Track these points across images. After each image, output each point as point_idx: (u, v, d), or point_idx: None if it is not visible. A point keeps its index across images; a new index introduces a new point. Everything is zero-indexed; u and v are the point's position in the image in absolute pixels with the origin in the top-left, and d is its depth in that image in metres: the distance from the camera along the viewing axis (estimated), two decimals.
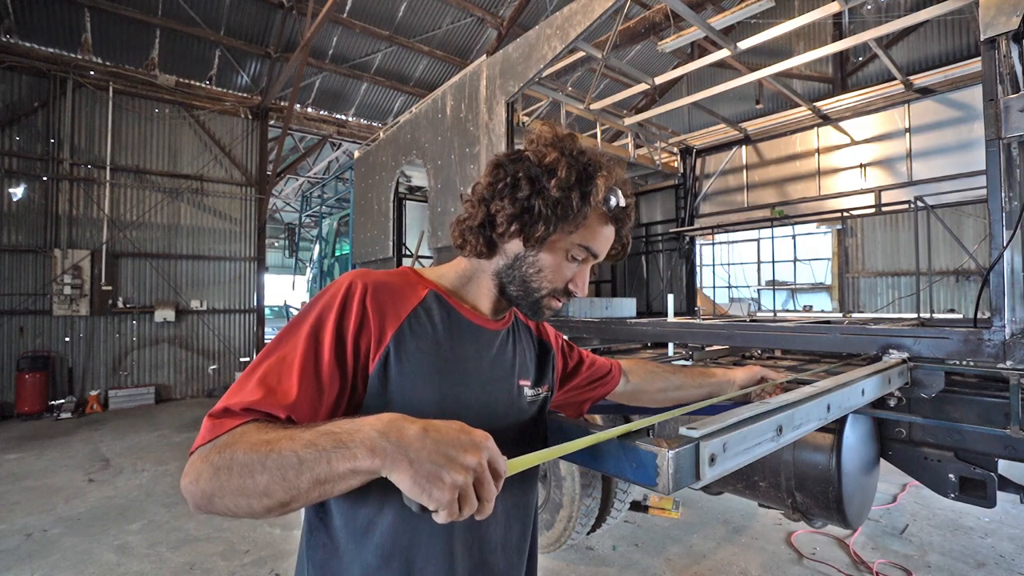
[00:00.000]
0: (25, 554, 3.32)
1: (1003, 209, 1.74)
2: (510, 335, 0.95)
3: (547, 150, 0.83)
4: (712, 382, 1.21)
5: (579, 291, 0.87)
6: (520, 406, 0.92)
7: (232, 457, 0.57)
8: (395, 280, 0.83)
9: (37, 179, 7.67)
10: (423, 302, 0.82)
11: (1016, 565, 3.07)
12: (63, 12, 7.65)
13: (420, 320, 0.80)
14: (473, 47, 10.32)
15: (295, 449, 0.55)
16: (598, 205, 0.82)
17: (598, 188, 0.82)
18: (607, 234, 0.86)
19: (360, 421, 0.56)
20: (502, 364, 0.90)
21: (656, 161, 7.12)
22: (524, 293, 0.86)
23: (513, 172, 0.82)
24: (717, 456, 0.82)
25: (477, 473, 0.53)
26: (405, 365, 0.76)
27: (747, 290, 10.64)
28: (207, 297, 9.21)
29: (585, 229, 0.84)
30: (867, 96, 5.48)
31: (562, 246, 0.84)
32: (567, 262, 0.85)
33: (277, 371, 0.68)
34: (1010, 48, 1.85)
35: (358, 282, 0.77)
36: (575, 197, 0.80)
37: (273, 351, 0.71)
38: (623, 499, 3.13)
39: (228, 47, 9.01)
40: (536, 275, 0.85)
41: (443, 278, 0.90)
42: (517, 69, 3.36)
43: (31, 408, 7.25)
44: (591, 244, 0.85)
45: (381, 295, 0.78)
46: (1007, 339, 1.66)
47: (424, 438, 0.53)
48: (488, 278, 0.89)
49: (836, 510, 2.11)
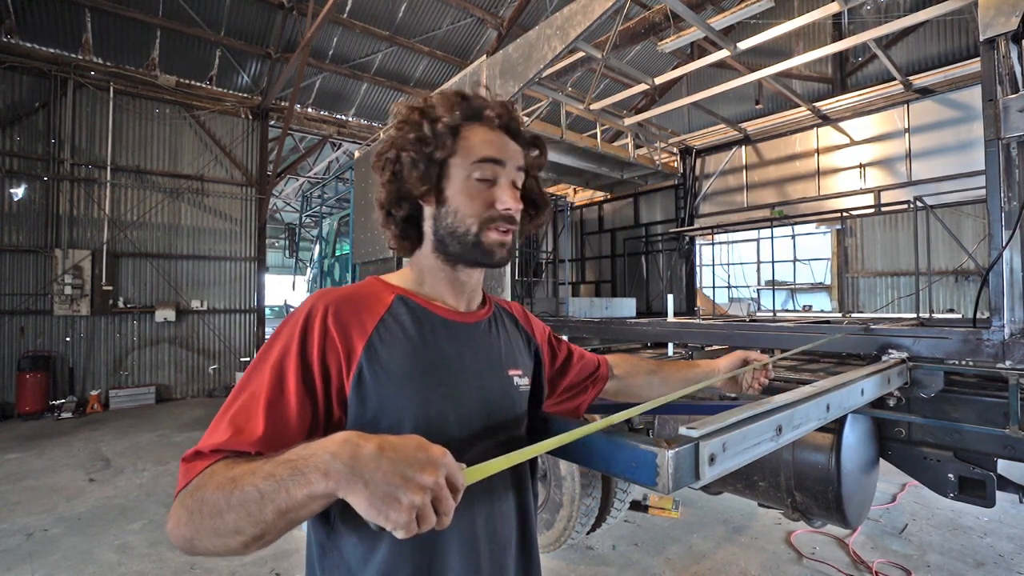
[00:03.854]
0: (26, 554, 3.32)
1: (1002, 209, 1.74)
2: (492, 325, 0.92)
3: (397, 122, 0.86)
4: (697, 372, 1.18)
5: (506, 205, 0.82)
6: (513, 396, 0.89)
7: (202, 499, 0.58)
8: (359, 292, 0.81)
9: (38, 179, 7.68)
10: (390, 309, 0.80)
11: (1015, 565, 3.08)
12: (64, 12, 7.65)
13: (390, 328, 0.78)
14: (473, 47, 10.32)
15: (256, 483, 0.54)
16: (457, 119, 0.82)
17: (445, 105, 0.83)
18: (493, 139, 0.83)
19: (316, 444, 0.55)
20: (488, 356, 0.88)
21: (656, 161, 7.12)
22: (460, 243, 0.83)
23: (383, 158, 0.85)
24: (717, 456, 0.83)
25: (435, 492, 0.52)
26: (382, 376, 0.74)
27: (747, 290, 10.64)
28: (207, 297, 9.21)
29: (464, 145, 0.82)
30: (867, 96, 5.49)
31: (458, 176, 0.82)
32: (477, 186, 0.82)
33: (246, 408, 0.67)
34: (1009, 48, 1.85)
35: (319, 304, 0.75)
36: (427, 127, 0.81)
37: (243, 387, 0.70)
38: (623, 499, 3.13)
39: (228, 47, 9.01)
40: (456, 218, 0.82)
41: (406, 280, 0.88)
42: (517, 69, 3.36)
43: (32, 408, 7.25)
44: (480, 154, 0.81)
45: (344, 312, 0.76)
46: (1006, 339, 1.67)
47: (380, 458, 0.52)
48: (433, 260, 0.87)
49: (836, 510, 2.11)
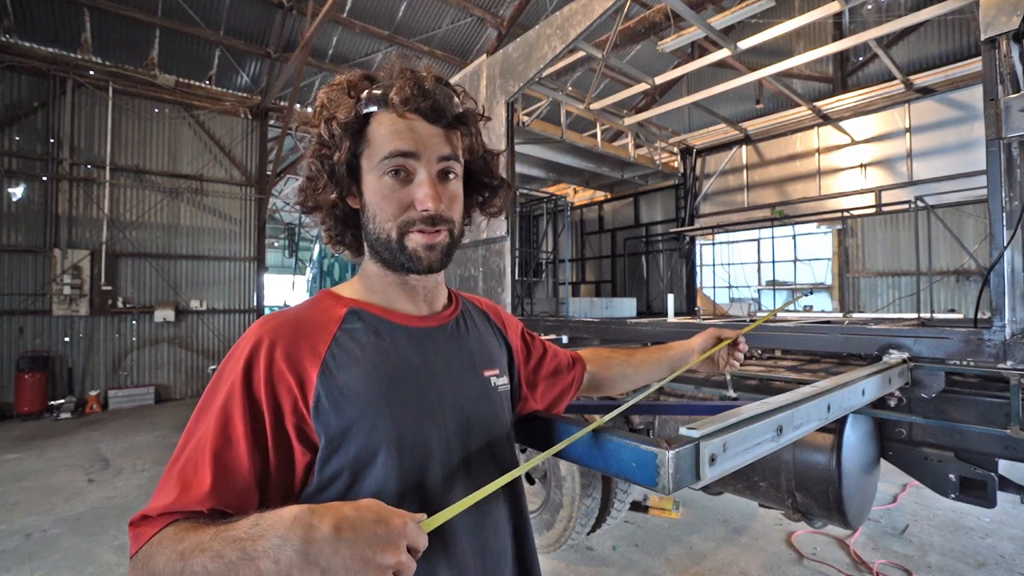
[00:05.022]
0: (25, 554, 3.31)
1: (1003, 209, 1.74)
2: (460, 325, 0.85)
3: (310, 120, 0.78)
4: (672, 356, 1.13)
5: (423, 205, 0.71)
6: (492, 398, 0.83)
7: (152, 573, 0.54)
8: (306, 313, 0.74)
9: (37, 179, 7.67)
10: (343, 325, 0.73)
11: (1016, 565, 3.07)
12: (63, 12, 7.64)
13: (345, 347, 0.71)
14: (473, 47, 10.32)
15: (204, 564, 0.50)
16: (360, 110, 0.72)
17: (343, 96, 0.74)
18: (400, 128, 0.71)
19: (266, 523, 0.50)
20: (460, 359, 0.81)
21: (656, 161, 7.12)
22: (386, 248, 0.74)
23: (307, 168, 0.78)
24: (717, 456, 0.82)
25: (398, 570, 0.49)
26: (343, 401, 0.67)
27: (747, 290, 10.64)
28: (207, 297, 9.20)
29: (370, 140, 0.73)
30: (867, 96, 5.49)
31: (370, 177, 0.74)
32: (390, 185, 0.72)
33: (192, 461, 0.62)
34: (1010, 48, 1.84)
35: (262, 335, 0.67)
36: (323, 128, 0.73)
37: (189, 437, 0.64)
38: (623, 499, 3.13)
39: (228, 47, 9.01)
40: (376, 223, 0.74)
41: (358, 290, 0.80)
42: (517, 69, 3.36)
43: (31, 408, 7.24)
44: (385, 150, 0.71)
45: (290, 338, 0.68)
46: (1007, 339, 1.66)
47: (336, 541, 0.47)
48: (375, 266, 0.79)
49: (836, 510, 2.11)
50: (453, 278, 3.98)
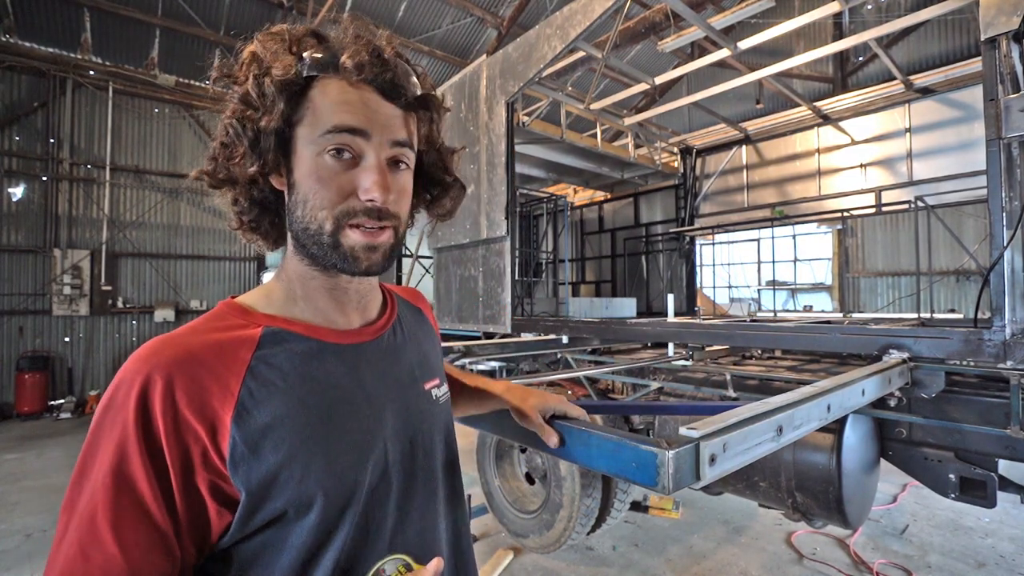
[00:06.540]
0: (24, 554, 3.31)
1: (1003, 209, 1.74)
2: (396, 333, 0.74)
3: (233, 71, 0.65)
4: (491, 402, 1.00)
5: (369, 194, 0.59)
6: (435, 413, 0.75)
7: None
8: (208, 339, 0.57)
9: (37, 179, 7.67)
10: (258, 351, 0.58)
11: (1016, 565, 3.07)
12: (63, 12, 7.64)
13: (262, 379, 0.57)
14: (473, 47, 10.32)
15: None
16: (301, 71, 0.59)
17: (282, 49, 0.61)
18: (352, 99, 0.59)
19: None
20: (398, 376, 0.70)
21: (656, 161, 7.12)
22: (315, 242, 0.60)
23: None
24: (717, 456, 0.82)
25: None
26: (264, 446, 0.54)
27: (747, 290, 10.64)
28: (207, 297, 9.20)
29: (312, 108, 0.60)
30: (867, 96, 5.49)
31: (306, 152, 0.60)
32: (330, 166, 0.59)
33: (88, 541, 0.49)
34: (1010, 48, 1.84)
35: (153, 375, 0.52)
36: (251, 84, 0.60)
37: (71, 511, 0.52)
38: (623, 499, 3.13)
39: (228, 47, 9.00)
40: (306, 210, 0.60)
41: (273, 300, 0.65)
42: (517, 69, 3.36)
43: (31, 408, 7.25)
44: (331, 122, 0.58)
45: (189, 376, 0.53)
46: (1007, 339, 1.66)
47: None
48: (299, 263, 0.65)
49: (836, 510, 2.11)
50: (453, 278, 3.98)
